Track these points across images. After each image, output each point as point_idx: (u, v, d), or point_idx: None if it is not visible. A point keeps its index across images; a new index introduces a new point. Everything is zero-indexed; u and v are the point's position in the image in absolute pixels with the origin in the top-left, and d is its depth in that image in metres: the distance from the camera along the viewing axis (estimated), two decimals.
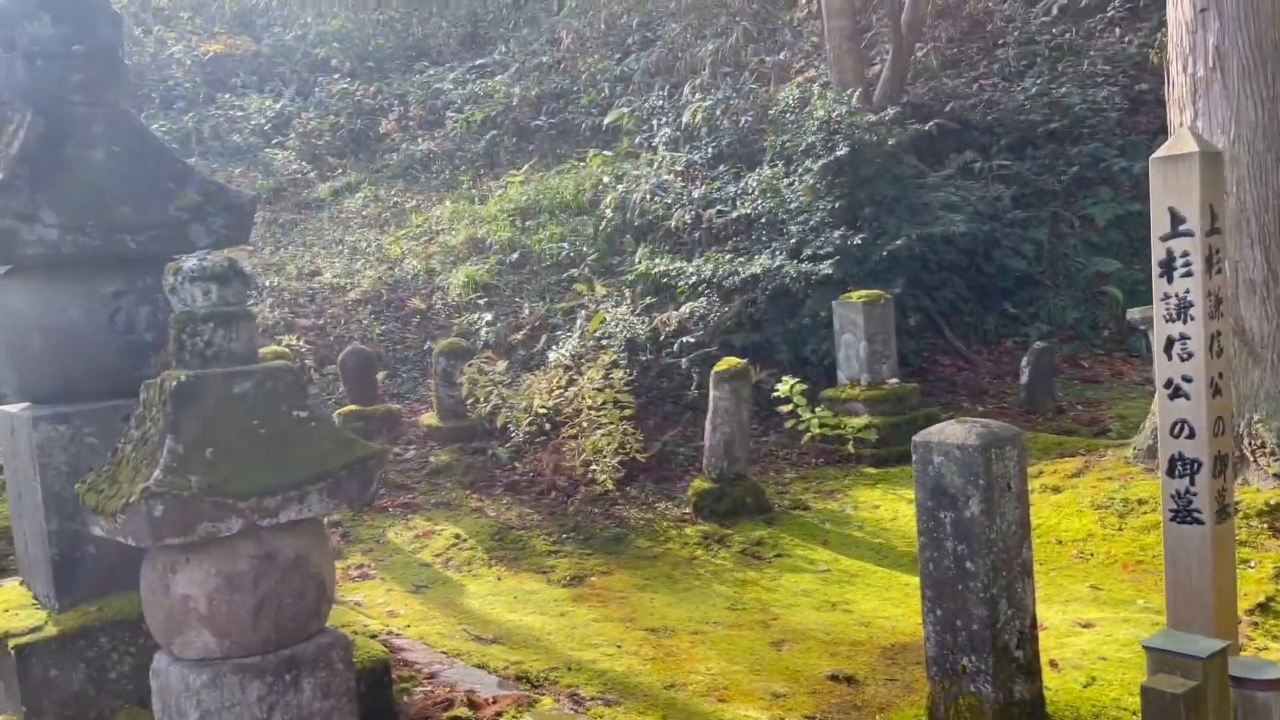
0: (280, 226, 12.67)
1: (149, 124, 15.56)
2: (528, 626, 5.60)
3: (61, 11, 3.89)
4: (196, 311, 3.25)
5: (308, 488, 3.18)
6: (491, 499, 7.65)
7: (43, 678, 3.63)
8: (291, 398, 3.31)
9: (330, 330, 9.93)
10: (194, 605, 3.10)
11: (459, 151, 14.53)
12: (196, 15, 19.96)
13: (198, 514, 2.97)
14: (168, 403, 3.11)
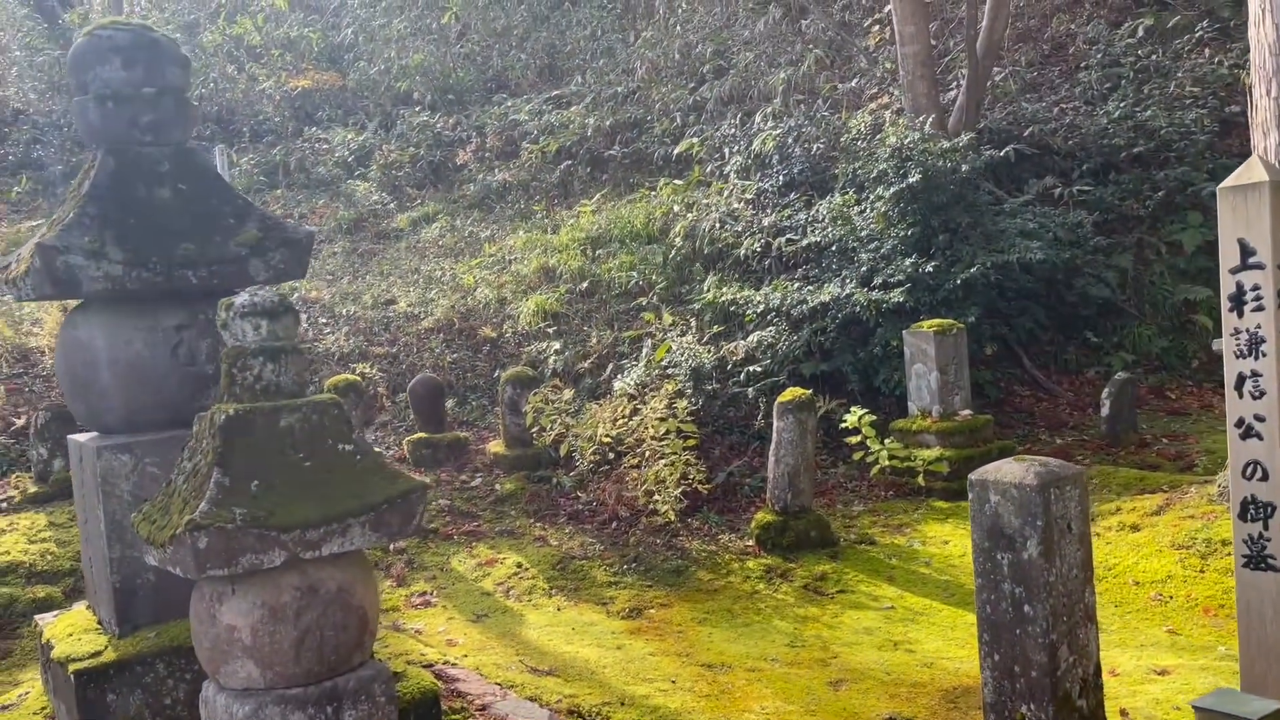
0: (360, 256, 12.96)
1: (239, 157, 16.21)
2: (584, 659, 5.57)
3: (131, 56, 4.04)
4: (246, 346, 3.32)
5: (350, 521, 3.21)
6: (555, 528, 7.66)
7: (100, 702, 3.72)
8: (337, 431, 3.36)
9: (403, 358, 10.09)
10: (238, 636, 3.15)
11: (534, 181, 14.70)
12: (287, 52, 20.63)
13: (241, 546, 3.02)
14: (216, 435, 3.18)
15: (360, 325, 10.61)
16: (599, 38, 18.47)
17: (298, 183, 16.34)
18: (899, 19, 11.34)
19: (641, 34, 16.63)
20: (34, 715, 4.20)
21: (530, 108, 16.26)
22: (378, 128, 17.81)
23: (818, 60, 13.27)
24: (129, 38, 4.09)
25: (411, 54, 19.32)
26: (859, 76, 13.15)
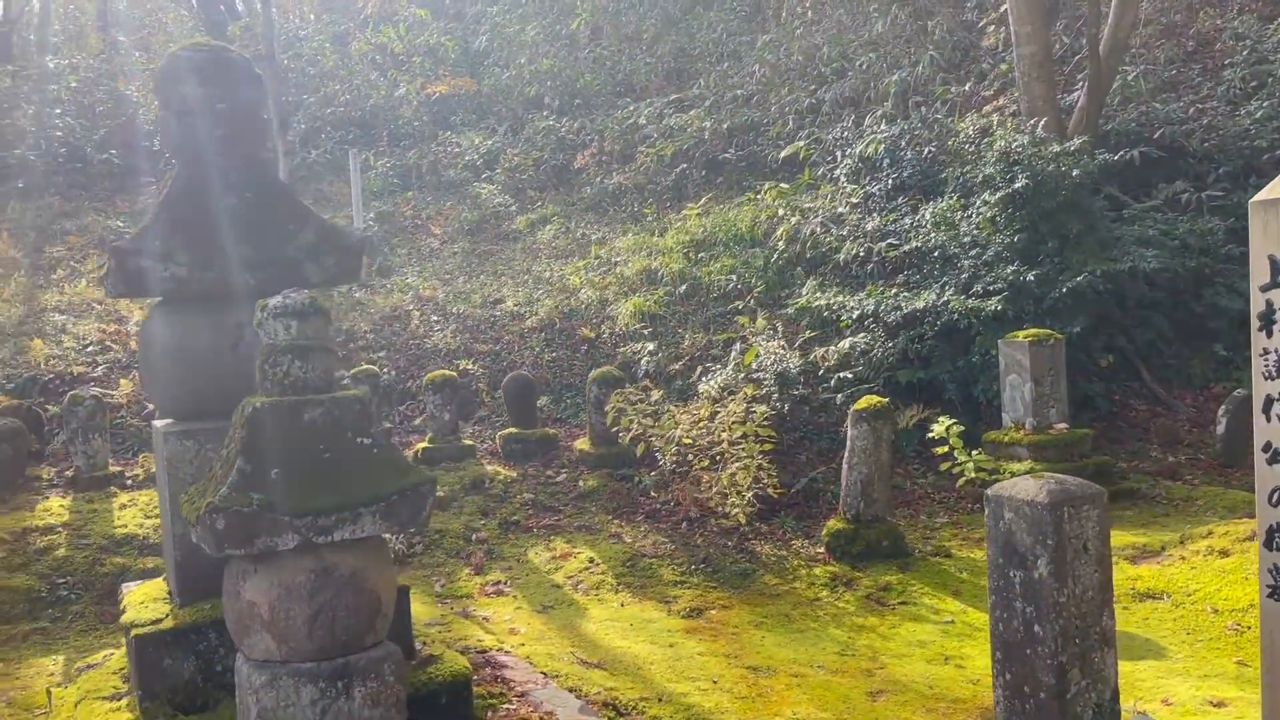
0: (477, 257, 13.45)
1: (377, 160, 16.99)
2: (634, 654, 5.71)
3: (208, 75, 4.40)
4: (278, 344, 3.60)
5: (361, 510, 3.44)
6: (631, 525, 7.82)
7: (158, 665, 4.08)
8: (357, 426, 3.60)
9: (505, 356, 10.45)
10: (258, 611, 3.43)
11: (649, 184, 14.91)
12: (427, 59, 21.49)
13: (256, 529, 3.29)
14: (243, 425, 3.47)
15: (468, 323, 11.04)
16: (725, 41, 18.54)
17: (428, 184, 17.04)
18: (1015, 18, 11.00)
19: (762, 37, 16.59)
20: (113, 674, 4.63)
21: (650, 111, 16.48)
22: (507, 132, 18.38)
23: (932, 61, 12.97)
24: (206, 58, 4.46)
25: (542, 59, 19.84)
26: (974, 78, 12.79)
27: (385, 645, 3.66)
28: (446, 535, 7.62)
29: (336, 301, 11.64)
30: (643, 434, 7.95)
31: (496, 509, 8.04)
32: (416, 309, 11.48)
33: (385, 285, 12.33)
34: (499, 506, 8.07)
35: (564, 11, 21.60)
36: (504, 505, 8.10)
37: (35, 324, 10.31)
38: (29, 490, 7.73)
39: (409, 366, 10.20)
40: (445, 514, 7.90)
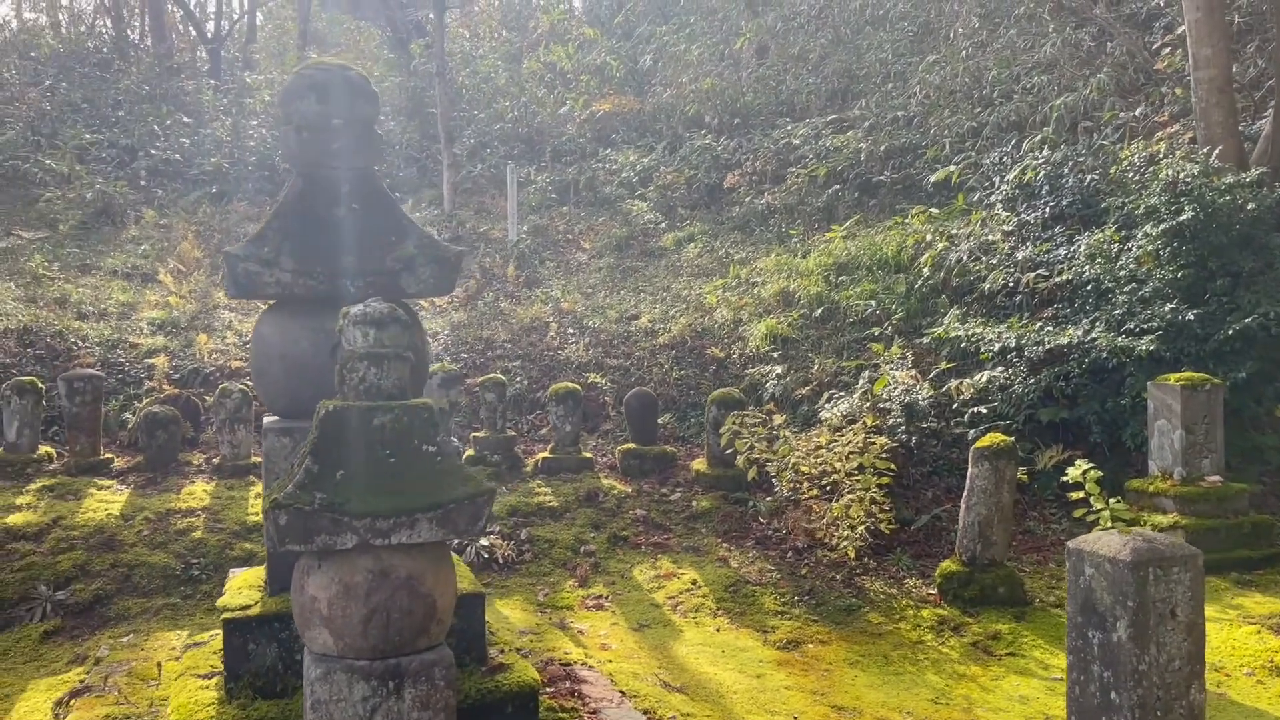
0: (620, 272, 13.61)
1: (538, 175, 17.49)
2: (719, 682, 5.63)
3: (325, 93, 4.65)
4: (356, 351, 3.75)
5: (418, 515, 3.54)
6: (740, 550, 7.72)
7: (243, 649, 4.31)
8: (423, 433, 3.70)
9: (634, 371, 10.52)
10: (318, 606, 3.57)
11: (800, 205, 14.72)
12: (593, 78, 21.98)
13: (317, 527, 3.43)
14: (316, 427, 3.63)
15: (601, 337, 11.18)
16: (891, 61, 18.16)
17: (584, 200, 17.39)
18: (1194, 40, 10.30)
19: (927, 57, 16.15)
20: (213, 654, 4.91)
21: (807, 131, 16.31)
22: (664, 150, 18.55)
23: (1102, 85, 12.28)
24: (325, 77, 4.71)
25: (704, 79, 19.95)
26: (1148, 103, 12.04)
27: (439, 650, 3.73)
28: (556, 545, 7.73)
29: (480, 310, 12.02)
30: (756, 458, 7.84)
31: (608, 523, 8.09)
32: (555, 321, 11.71)
33: (530, 296, 12.64)
34: (610, 521, 8.13)
35: (731, 32, 21.69)
36: (615, 520, 8.15)
37: (206, 320, 11.09)
38: (179, 474, 8.32)
39: (541, 377, 10.41)
40: (557, 524, 8.02)
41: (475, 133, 20.55)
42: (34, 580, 6.59)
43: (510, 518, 7.95)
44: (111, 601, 6.55)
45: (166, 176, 17.47)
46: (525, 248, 14.44)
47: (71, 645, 6.17)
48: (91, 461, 8.10)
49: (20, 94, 20.16)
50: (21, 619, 6.38)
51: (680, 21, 22.91)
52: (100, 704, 5.12)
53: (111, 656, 5.88)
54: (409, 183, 18.44)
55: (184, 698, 4.34)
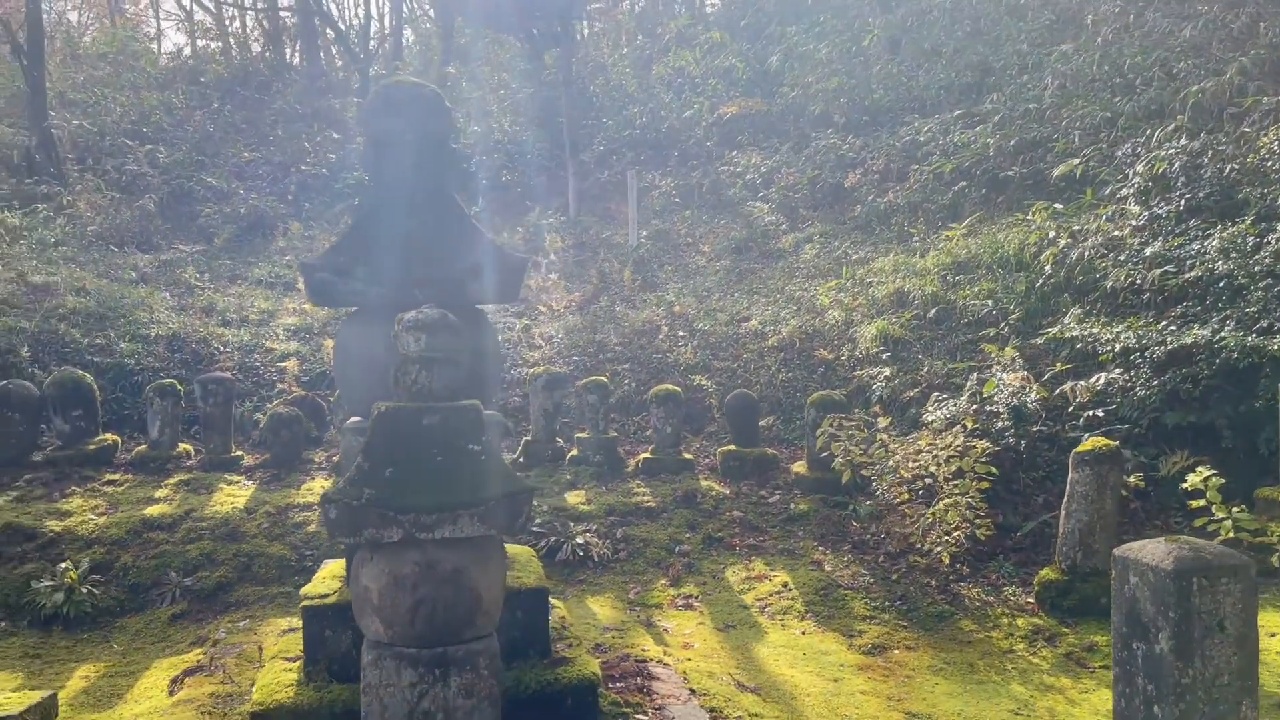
0: (737, 275, 13.63)
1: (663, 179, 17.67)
2: (794, 684, 5.63)
3: (401, 108, 4.90)
4: (409, 355, 3.96)
5: (460, 511, 3.71)
6: (834, 554, 7.65)
7: (320, 636, 4.59)
8: (469, 433, 3.88)
9: (740, 374, 10.54)
10: (370, 595, 3.79)
11: (924, 203, 14.39)
12: (721, 81, 22.04)
13: (364, 520, 3.65)
14: (370, 427, 3.85)
15: (710, 340, 11.23)
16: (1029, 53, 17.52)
17: (707, 203, 17.47)
18: None
19: (1059, 47, 15.51)
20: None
21: (934, 127, 15.91)
22: (788, 150, 18.44)
23: (1242, 69, 11.53)
24: (402, 93, 4.97)
25: (832, 77, 19.72)
26: None
27: (485, 641, 3.90)
28: (651, 545, 7.84)
29: (593, 314, 12.27)
30: (852, 461, 7.75)
31: (703, 524, 8.15)
32: (666, 324, 11.84)
33: (645, 300, 12.81)
34: (706, 522, 8.18)
35: (861, 29, 21.35)
36: (711, 521, 8.20)
37: (336, 326, 11.72)
38: (301, 471, 8.85)
39: (649, 379, 10.55)
40: (653, 524, 8.13)
41: (605, 139, 20.92)
42: (166, 567, 7.15)
43: (607, 517, 8.12)
44: (232, 588, 7.05)
45: (314, 190, 18.49)
46: (644, 252, 14.63)
47: (195, 628, 6.67)
48: (223, 458, 8.72)
49: (188, 117, 21.73)
50: (153, 602, 6.94)
51: (810, 21, 22.69)
52: (208, 682, 5.54)
53: (227, 640, 6.33)
54: (538, 190, 18.94)
55: (268, 678, 4.65)
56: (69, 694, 5.77)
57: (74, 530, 7.45)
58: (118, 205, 15.88)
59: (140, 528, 7.53)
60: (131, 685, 5.86)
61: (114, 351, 10.20)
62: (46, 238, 14.14)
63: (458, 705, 3.81)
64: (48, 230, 14.41)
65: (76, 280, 11.85)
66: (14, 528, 7.40)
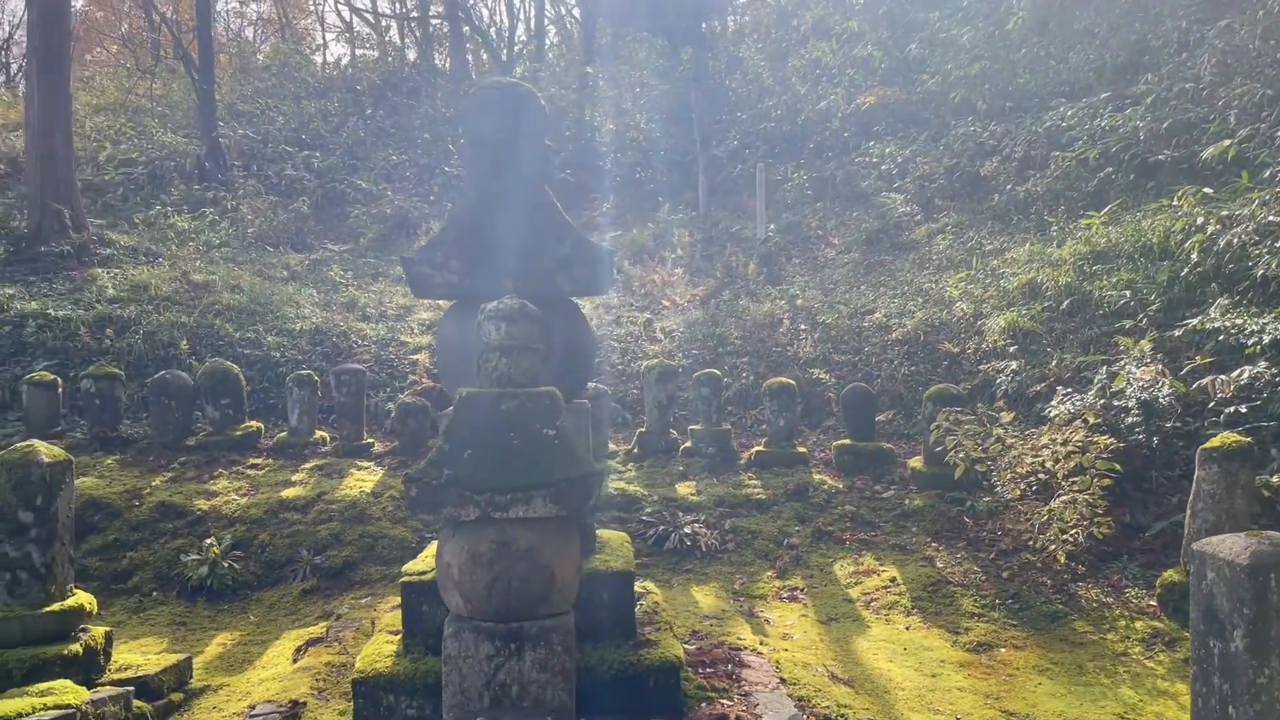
0: (866, 267, 13.41)
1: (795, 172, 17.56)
2: (889, 678, 5.57)
3: (496, 109, 5.10)
4: (490, 343, 4.14)
5: (533, 492, 3.87)
6: (947, 550, 7.49)
7: (418, 609, 4.84)
8: (545, 418, 4.03)
9: (861, 367, 10.39)
10: (451, 571, 3.99)
11: (1067, 191, 13.80)
12: (858, 71, 21.67)
13: (443, 499, 3.84)
14: (453, 411, 4.05)
15: (832, 333, 11.11)
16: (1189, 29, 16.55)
17: (840, 195, 17.23)
18: None
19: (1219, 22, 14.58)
20: None
21: (1077, 112, 15.22)
22: (926, 140, 17.98)
23: None
24: (497, 94, 5.17)
25: (974, 63, 19.11)
26: None
27: (559, 618, 4.05)
28: (759, 537, 7.86)
29: (715, 307, 12.32)
30: (967, 456, 7.56)
31: (814, 517, 8.11)
32: (788, 317, 11.77)
33: (769, 293, 12.78)
34: (817, 515, 8.14)
35: (1008, 13, 20.60)
36: (822, 514, 8.15)
37: None
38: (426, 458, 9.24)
39: (767, 372, 10.53)
40: (763, 516, 8.14)
41: (739, 134, 20.89)
42: (298, 545, 7.63)
43: (717, 508, 8.17)
44: (357, 567, 7.46)
45: (457, 190, 19.18)
46: (772, 245, 14.57)
47: (322, 603, 7.10)
48: (355, 445, 9.22)
49: (342, 123, 22.90)
50: (286, 578, 7.42)
51: (953, 6, 22.03)
52: (326, 653, 5.91)
53: (349, 614, 6.72)
54: (670, 187, 19.10)
55: (371, 649, 4.94)
56: (206, 658, 6.26)
57: (219, 509, 8.04)
58: (275, 208, 16.91)
59: (277, 508, 8.05)
60: (261, 653, 6.29)
61: (262, 344, 10.92)
62: (212, 239, 15.21)
63: (532, 679, 3.97)
64: (213, 233, 15.50)
65: (233, 278, 12.71)
66: (167, 506, 8.05)
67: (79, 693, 4.76)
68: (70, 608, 5.30)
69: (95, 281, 12.17)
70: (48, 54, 13.48)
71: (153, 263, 13.44)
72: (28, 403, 9.33)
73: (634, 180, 19.92)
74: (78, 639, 5.26)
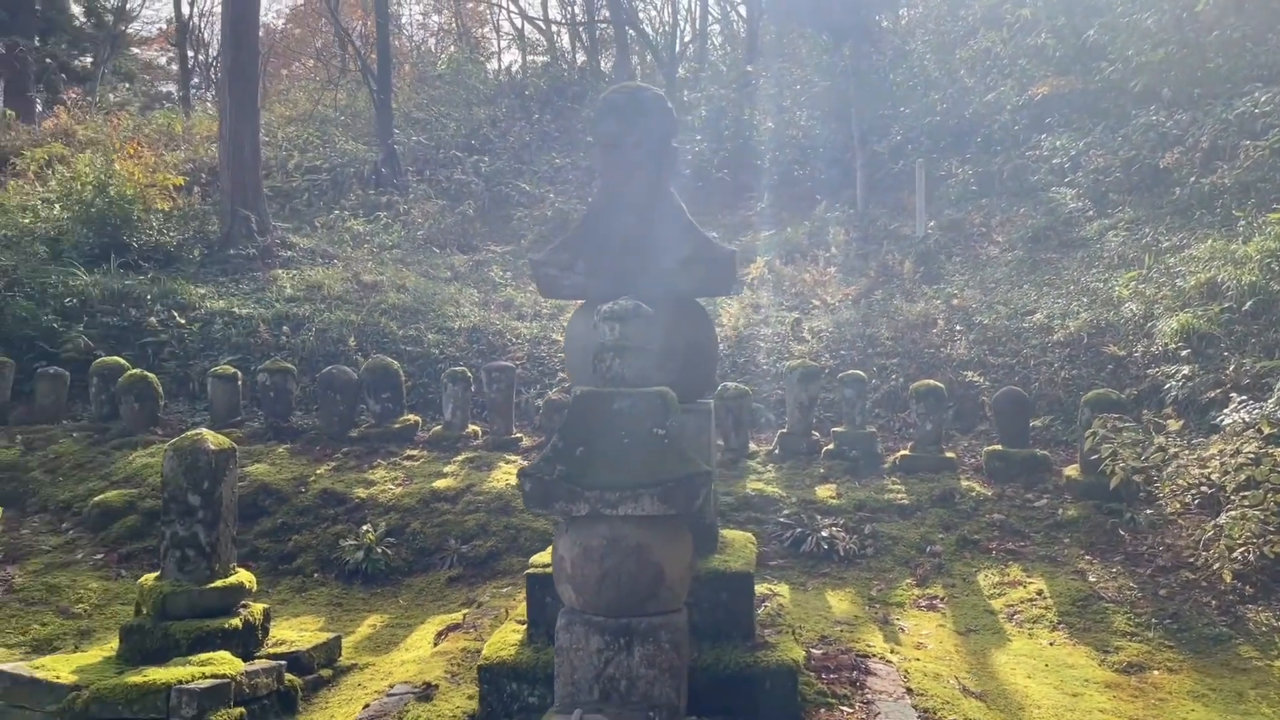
0: (1030, 266, 12.83)
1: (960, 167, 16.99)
2: (1025, 695, 5.35)
3: (622, 113, 5.19)
4: (605, 343, 4.23)
5: (641, 490, 3.93)
6: (1102, 564, 7.10)
7: (541, 601, 4.98)
8: (656, 418, 4.08)
9: (1017, 370, 9.95)
10: (565, 565, 4.10)
11: (1260, 183, 12.81)
12: (1030, 60, 20.72)
13: (555, 494, 3.95)
14: (568, 409, 4.16)
15: (988, 334, 10.69)
16: None
17: (1007, 190, 16.54)
18: None
19: None
20: None
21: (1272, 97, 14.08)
22: (1103, 131, 17.04)
23: None
24: (623, 98, 5.25)
25: (1157, 49, 17.97)
26: None
27: (668, 616, 4.09)
28: (900, 543, 7.67)
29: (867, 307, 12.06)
30: (1125, 465, 7.14)
31: (959, 525, 7.85)
32: (943, 317, 11.41)
33: (925, 293, 12.42)
34: (963, 523, 7.87)
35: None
36: (968, 522, 7.87)
37: None
38: None
39: (917, 374, 10.23)
40: (905, 522, 7.94)
41: (902, 128, 20.35)
42: (447, 534, 7.97)
43: (856, 512, 8.03)
44: (500, 557, 7.73)
45: None
46: (931, 243, 14.15)
47: (466, 590, 7.40)
48: (504, 439, 9.54)
49: (510, 128, 23.67)
50: (435, 565, 7.77)
51: None
52: (464, 639, 6.15)
53: (490, 602, 6.97)
54: (829, 184, 18.79)
55: (498, 637, 5.12)
56: (356, 638, 6.63)
57: (376, 498, 8.49)
58: (444, 211, 17.66)
59: (429, 498, 8.43)
60: (406, 635, 6.62)
61: (422, 341, 11.45)
62: (385, 241, 16.03)
63: (640, 674, 4.03)
64: (386, 235, 16.33)
65: (399, 279, 13.37)
66: (329, 493, 8.56)
67: (235, 664, 5.14)
68: (232, 584, 5.73)
69: (276, 282, 13.07)
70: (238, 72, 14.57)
71: (328, 264, 14.29)
72: (212, 394, 10.15)
73: (792, 178, 19.73)
74: (238, 614, 5.67)
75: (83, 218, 13.82)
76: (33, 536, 8.37)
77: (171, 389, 11.04)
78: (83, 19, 31.33)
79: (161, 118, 24.65)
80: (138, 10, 36.38)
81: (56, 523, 8.59)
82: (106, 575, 7.68)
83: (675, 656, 4.06)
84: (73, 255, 13.16)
